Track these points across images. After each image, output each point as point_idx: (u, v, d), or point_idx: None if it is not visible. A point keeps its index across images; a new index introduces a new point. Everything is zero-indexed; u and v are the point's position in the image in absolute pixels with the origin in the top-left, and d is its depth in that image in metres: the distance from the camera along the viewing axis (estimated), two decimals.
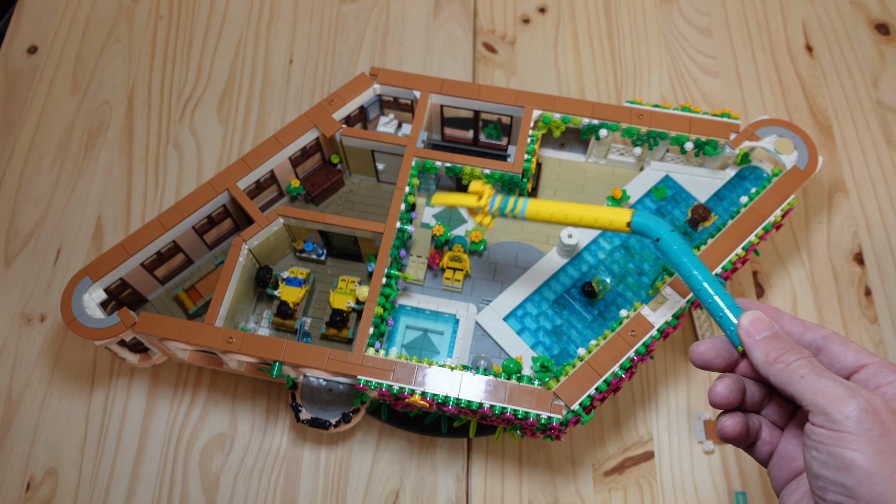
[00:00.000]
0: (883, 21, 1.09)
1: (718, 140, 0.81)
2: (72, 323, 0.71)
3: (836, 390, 0.36)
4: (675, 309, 0.71)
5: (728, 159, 0.85)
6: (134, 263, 0.76)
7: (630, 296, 0.80)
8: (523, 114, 0.83)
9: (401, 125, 0.91)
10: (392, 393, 0.68)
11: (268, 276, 0.81)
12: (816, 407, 0.37)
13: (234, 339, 0.70)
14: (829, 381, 0.37)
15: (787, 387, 0.38)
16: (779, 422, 0.44)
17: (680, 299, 0.71)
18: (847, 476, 0.35)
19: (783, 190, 0.78)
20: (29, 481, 0.79)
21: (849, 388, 0.36)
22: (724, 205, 0.84)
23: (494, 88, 0.84)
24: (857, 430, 0.35)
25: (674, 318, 0.71)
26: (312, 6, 1.12)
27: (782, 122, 0.82)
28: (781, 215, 0.77)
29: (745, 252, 0.75)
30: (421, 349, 0.78)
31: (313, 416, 0.74)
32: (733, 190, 0.85)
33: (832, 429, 0.36)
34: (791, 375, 0.38)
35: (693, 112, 0.83)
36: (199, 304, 0.81)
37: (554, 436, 0.69)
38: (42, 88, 1.04)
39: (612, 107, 0.83)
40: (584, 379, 0.67)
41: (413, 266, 0.82)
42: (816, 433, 0.37)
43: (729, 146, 0.82)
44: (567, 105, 0.83)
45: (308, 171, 0.88)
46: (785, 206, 0.77)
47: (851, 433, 0.35)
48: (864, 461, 0.35)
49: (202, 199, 0.78)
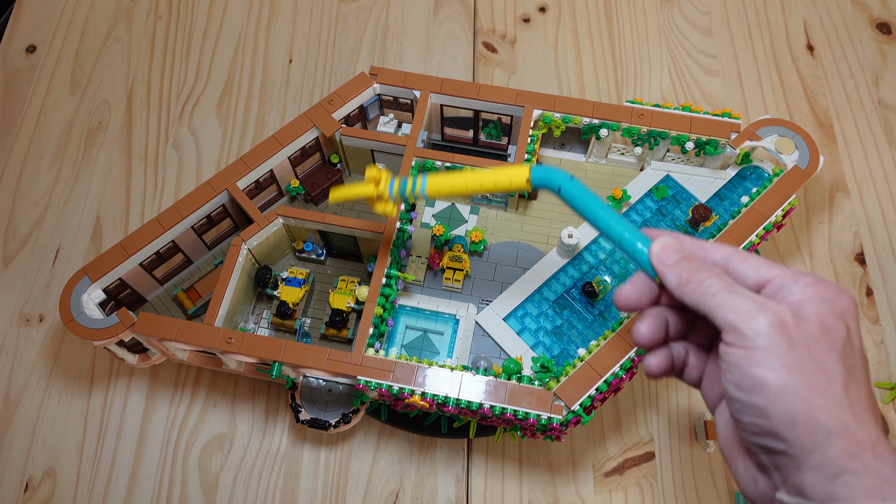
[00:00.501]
0: (884, 20, 1.09)
1: (719, 140, 0.81)
2: (70, 323, 0.71)
3: (746, 306, 0.36)
4: None
5: (729, 159, 0.84)
6: (133, 263, 0.76)
7: None
8: (523, 113, 0.83)
9: (400, 125, 0.90)
10: (392, 393, 0.68)
11: (267, 276, 0.80)
12: (728, 324, 0.37)
13: (233, 339, 0.69)
14: (738, 297, 0.37)
15: (701, 306, 0.38)
16: (704, 344, 0.44)
17: None
18: (760, 396, 0.35)
19: (784, 190, 0.77)
20: (27, 482, 0.79)
21: (757, 302, 0.36)
22: (725, 204, 0.84)
23: (494, 88, 0.84)
24: (766, 346, 0.35)
25: None
26: (312, 5, 1.11)
27: (783, 121, 0.82)
28: (783, 215, 0.77)
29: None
30: (421, 349, 0.78)
31: (313, 417, 0.73)
32: (734, 190, 0.85)
33: (743, 346, 0.36)
34: (704, 294, 0.38)
35: (694, 112, 0.83)
36: (199, 305, 0.81)
37: (554, 436, 0.69)
38: (41, 88, 1.04)
39: (613, 106, 0.83)
40: (584, 379, 0.67)
41: (413, 266, 0.81)
42: (730, 354, 0.37)
43: (730, 146, 0.81)
44: (567, 105, 0.83)
45: (307, 170, 0.88)
46: (786, 206, 0.77)
47: (761, 349, 0.35)
48: (773, 378, 0.35)
49: (201, 198, 0.78)
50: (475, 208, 0.88)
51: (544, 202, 0.88)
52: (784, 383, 0.35)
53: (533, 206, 0.87)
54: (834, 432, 0.34)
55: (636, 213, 0.85)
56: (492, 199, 0.86)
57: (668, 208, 0.85)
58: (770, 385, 0.35)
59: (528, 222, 0.86)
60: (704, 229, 0.82)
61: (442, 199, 0.61)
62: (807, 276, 0.38)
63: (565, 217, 0.86)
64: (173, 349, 0.76)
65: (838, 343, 0.36)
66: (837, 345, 0.36)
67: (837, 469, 0.34)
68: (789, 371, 0.35)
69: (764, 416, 0.35)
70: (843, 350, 0.36)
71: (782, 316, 0.36)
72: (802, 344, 0.35)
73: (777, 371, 0.35)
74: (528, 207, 0.87)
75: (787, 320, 0.36)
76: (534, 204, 0.87)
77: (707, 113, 0.83)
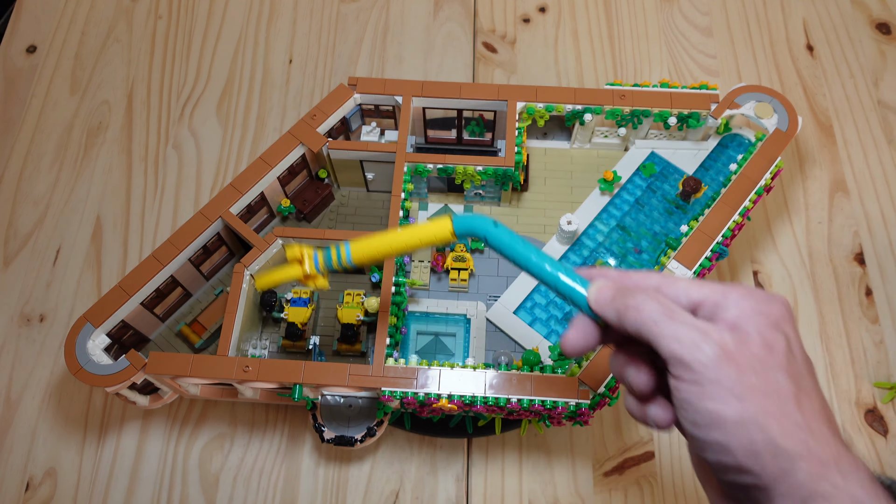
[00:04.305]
0: (884, 20, 1.09)
1: (700, 112, 0.84)
2: (79, 373, 0.68)
3: (689, 335, 0.36)
4: None
5: (710, 130, 0.87)
6: (134, 304, 0.75)
7: None
8: (507, 107, 0.83)
9: (383, 132, 0.90)
10: (418, 400, 0.68)
11: (273, 299, 0.80)
12: (673, 356, 0.36)
13: (250, 367, 0.68)
14: (679, 325, 0.36)
15: (645, 334, 0.37)
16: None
17: (686, 271, 0.73)
18: (718, 432, 0.35)
19: (769, 153, 0.80)
20: (28, 482, 0.79)
21: (699, 329, 0.36)
22: (711, 174, 0.87)
23: (476, 85, 0.85)
24: (715, 378, 0.35)
25: None
26: (312, 5, 1.11)
27: (759, 87, 0.84)
28: (771, 178, 0.80)
29: (742, 217, 0.77)
30: (434, 353, 0.78)
31: (338, 435, 0.72)
32: (718, 159, 0.87)
33: (692, 380, 0.35)
34: (644, 321, 0.37)
35: (672, 87, 0.85)
36: (205, 337, 0.80)
37: (583, 421, 0.69)
38: (41, 88, 1.04)
39: (594, 91, 0.84)
40: (606, 361, 0.68)
41: (417, 271, 0.82)
42: (681, 390, 0.36)
43: (711, 116, 0.83)
44: (549, 94, 0.84)
45: (296, 188, 0.87)
46: (773, 169, 0.79)
47: (711, 382, 0.35)
48: (729, 411, 0.34)
49: (196, 229, 0.77)
50: (469, 206, 0.88)
51: (536, 192, 0.89)
52: (740, 415, 0.34)
53: (525, 197, 0.88)
54: (797, 456, 0.34)
55: (627, 193, 0.87)
56: (484, 195, 0.87)
57: (657, 184, 0.87)
58: (727, 419, 0.34)
59: (523, 214, 0.87)
60: (696, 200, 0.84)
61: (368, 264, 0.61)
62: (736, 290, 0.38)
63: (559, 205, 0.87)
64: (186, 385, 0.75)
65: (781, 357, 0.36)
66: (781, 360, 0.36)
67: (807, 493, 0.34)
68: (742, 401, 0.34)
69: (726, 453, 0.35)
70: (787, 364, 0.36)
71: (724, 342, 0.36)
72: (749, 368, 0.35)
73: (730, 403, 0.34)
74: (520, 199, 0.88)
75: (730, 346, 0.36)
76: (526, 195, 0.89)
77: (685, 87, 0.85)
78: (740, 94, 0.84)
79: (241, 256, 0.78)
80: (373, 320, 0.79)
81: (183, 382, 0.73)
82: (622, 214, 0.85)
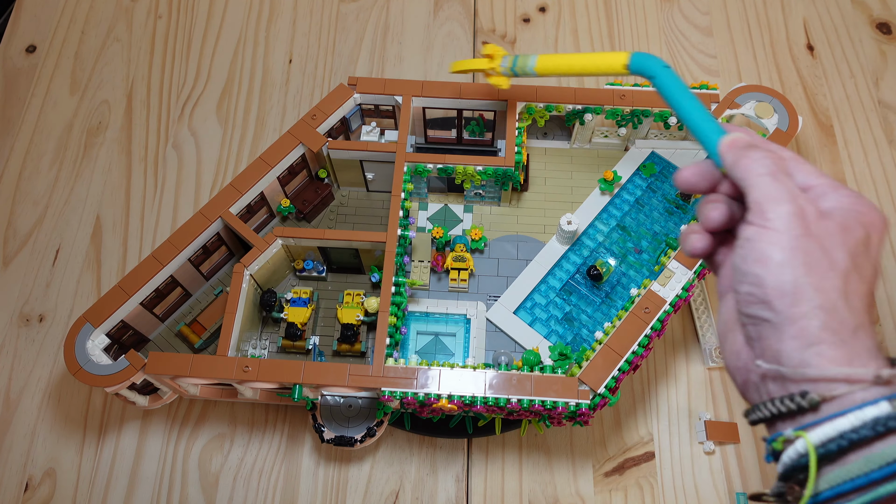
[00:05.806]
0: (884, 20, 1.09)
1: None
2: (79, 373, 0.68)
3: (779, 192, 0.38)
4: (683, 281, 0.72)
5: None
6: (134, 304, 0.74)
7: (633, 274, 0.81)
8: (508, 107, 0.83)
9: (383, 132, 0.90)
10: (418, 400, 0.68)
11: (272, 299, 0.80)
12: (755, 203, 0.38)
13: (250, 367, 0.68)
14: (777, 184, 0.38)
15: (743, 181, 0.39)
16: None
17: (687, 271, 0.72)
18: (760, 266, 0.37)
19: None
20: (27, 482, 0.79)
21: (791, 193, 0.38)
22: None
23: (476, 85, 0.84)
24: (780, 228, 0.37)
25: (683, 290, 0.72)
26: (312, 5, 1.11)
27: (760, 87, 0.84)
28: None
29: None
30: (434, 353, 0.78)
31: (337, 435, 0.72)
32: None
33: (760, 225, 0.37)
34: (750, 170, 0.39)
35: None
36: (205, 337, 0.80)
37: (583, 421, 0.69)
38: (41, 88, 1.04)
39: (595, 90, 0.84)
40: (606, 361, 0.68)
41: (417, 271, 0.81)
42: (746, 230, 0.38)
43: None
44: (550, 93, 0.84)
45: (296, 188, 0.87)
46: None
47: (775, 230, 0.37)
48: (778, 254, 0.36)
49: (196, 229, 0.77)
50: (469, 206, 0.88)
51: (536, 192, 0.89)
52: (785, 260, 0.36)
53: (525, 197, 0.88)
54: (820, 307, 0.35)
55: (627, 193, 0.87)
56: (484, 195, 0.87)
57: (658, 184, 0.87)
58: (772, 259, 0.36)
59: (523, 214, 0.87)
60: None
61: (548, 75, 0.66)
62: (847, 189, 0.39)
63: (559, 205, 0.87)
64: (185, 385, 0.74)
65: (853, 242, 0.37)
66: (851, 243, 0.37)
67: (814, 339, 0.35)
68: (794, 252, 0.36)
69: (759, 285, 0.37)
70: (856, 249, 0.37)
71: (806, 209, 0.37)
72: (816, 237, 0.37)
73: (783, 250, 0.36)
74: (520, 199, 0.88)
75: (810, 214, 0.37)
76: (525, 196, 0.89)
77: None
78: (740, 93, 0.84)
79: (240, 256, 0.78)
80: (373, 320, 0.78)
81: (182, 382, 0.73)
82: (622, 214, 0.85)
